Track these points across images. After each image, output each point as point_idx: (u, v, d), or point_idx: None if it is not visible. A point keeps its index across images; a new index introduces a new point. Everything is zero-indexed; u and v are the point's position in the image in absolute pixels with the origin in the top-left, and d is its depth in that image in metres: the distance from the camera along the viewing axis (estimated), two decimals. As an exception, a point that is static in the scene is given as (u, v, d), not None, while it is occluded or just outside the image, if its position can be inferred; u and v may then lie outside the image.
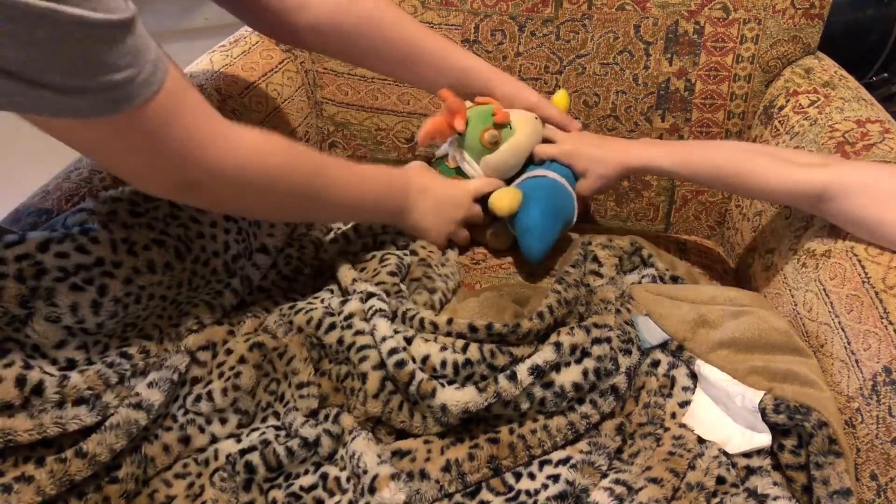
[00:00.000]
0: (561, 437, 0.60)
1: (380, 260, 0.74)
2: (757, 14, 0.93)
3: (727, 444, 0.59)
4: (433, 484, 0.56)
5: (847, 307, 0.62)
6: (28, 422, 0.51)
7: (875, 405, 0.56)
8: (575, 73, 0.99)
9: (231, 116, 0.91)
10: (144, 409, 0.57)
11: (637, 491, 0.54)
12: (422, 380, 0.59)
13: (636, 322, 0.66)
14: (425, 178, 0.80)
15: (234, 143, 0.56)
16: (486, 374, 0.62)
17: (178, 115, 0.51)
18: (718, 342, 0.63)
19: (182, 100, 0.51)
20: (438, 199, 0.80)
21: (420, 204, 0.78)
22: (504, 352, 0.62)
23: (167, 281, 0.62)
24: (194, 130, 0.53)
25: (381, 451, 0.58)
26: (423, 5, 1.01)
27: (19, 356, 0.53)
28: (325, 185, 0.66)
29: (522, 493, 0.56)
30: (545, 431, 0.60)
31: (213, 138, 0.54)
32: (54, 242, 0.56)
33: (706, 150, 0.77)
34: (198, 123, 0.53)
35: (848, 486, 0.53)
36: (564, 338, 0.62)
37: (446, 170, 0.86)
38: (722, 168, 0.73)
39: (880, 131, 0.75)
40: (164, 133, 0.50)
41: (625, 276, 0.75)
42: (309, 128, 1.07)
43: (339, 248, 0.78)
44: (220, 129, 0.55)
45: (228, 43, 1.01)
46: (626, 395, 0.63)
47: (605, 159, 0.82)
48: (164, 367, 0.60)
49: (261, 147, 0.59)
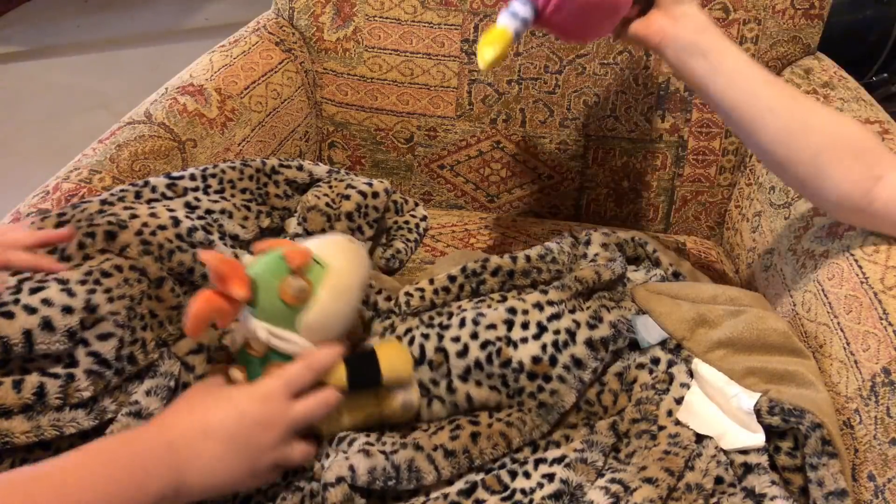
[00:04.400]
0: (533, 425, 0.60)
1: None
2: (757, 14, 0.93)
3: (722, 438, 0.59)
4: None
5: (846, 308, 0.62)
6: (25, 424, 0.51)
7: (873, 406, 0.56)
8: (575, 73, 0.99)
9: (231, 116, 0.91)
10: (144, 418, 0.57)
11: (633, 491, 0.54)
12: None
13: (634, 322, 0.66)
14: (195, 415, 0.53)
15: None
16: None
17: None
18: (717, 342, 0.63)
19: None
20: (231, 434, 0.52)
21: (202, 460, 0.51)
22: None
23: (125, 267, 0.61)
24: None
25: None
26: (423, 5, 1.01)
27: (18, 363, 0.53)
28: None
29: (518, 491, 0.56)
30: (520, 421, 0.60)
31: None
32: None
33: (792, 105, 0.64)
34: None
35: (843, 487, 0.53)
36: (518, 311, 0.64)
37: (255, 363, 0.57)
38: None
39: (880, 132, 0.75)
40: None
41: (632, 273, 0.75)
42: (309, 128, 1.07)
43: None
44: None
45: (228, 43, 1.01)
46: (597, 368, 0.63)
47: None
48: (159, 375, 0.60)
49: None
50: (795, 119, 0.63)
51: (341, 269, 0.58)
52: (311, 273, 0.56)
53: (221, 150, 0.89)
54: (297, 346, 0.56)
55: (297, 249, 0.56)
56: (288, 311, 0.55)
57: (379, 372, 0.58)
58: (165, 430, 0.52)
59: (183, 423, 0.52)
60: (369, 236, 0.80)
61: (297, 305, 0.55)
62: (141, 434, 0.52)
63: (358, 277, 0.59)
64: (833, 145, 0.62)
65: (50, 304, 0.54)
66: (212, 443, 0.52)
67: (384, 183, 0.83)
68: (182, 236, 0.65)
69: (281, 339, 0.55)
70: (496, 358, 0.61)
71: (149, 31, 2.73)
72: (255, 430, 0.53)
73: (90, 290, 0.57)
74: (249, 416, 0.53)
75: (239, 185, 0.75)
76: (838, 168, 0.61)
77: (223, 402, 0.54)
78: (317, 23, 1.05)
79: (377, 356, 0.58)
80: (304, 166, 0.81)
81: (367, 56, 1.04)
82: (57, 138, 2.13)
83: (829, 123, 0.63)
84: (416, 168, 1.08)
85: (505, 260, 0.69)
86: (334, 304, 0.56)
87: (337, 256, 0.58)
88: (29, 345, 0.53)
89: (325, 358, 0.56)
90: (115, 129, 0.82)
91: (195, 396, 0.55)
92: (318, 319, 0.56)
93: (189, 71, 0.94)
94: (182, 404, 0.55)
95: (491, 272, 0.69)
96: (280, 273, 0.55)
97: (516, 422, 0.60)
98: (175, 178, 0.72)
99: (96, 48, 2.66)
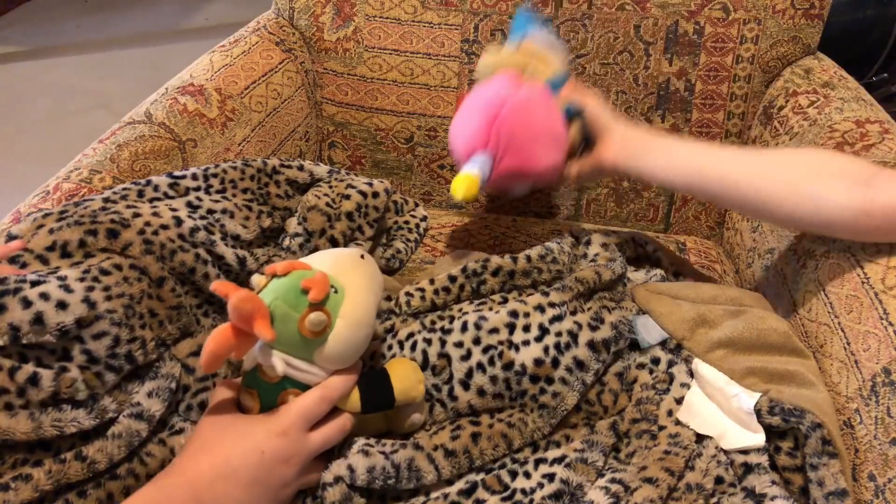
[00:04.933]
0: (535, 426, 0.60)
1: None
2: (757, 14, 0.93)
3: (722, 438, 0.59)
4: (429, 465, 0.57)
5: (846, 308, 0.62)
6: (27, 422, 0.51)
7: (874, 406, 0.56)
8: (575, 73, 0.99)
9: (231, 116, 0.91)
10: (146, 419, 0.57)
11: (633, 491, 0.54)
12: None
13: (634, 323, 0.66)
14: (215, 457, 0.52)
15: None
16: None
17: None
18: (717, 342, 0.63)
19: None
20: (254, 476, 0.52)
21: (226, 502, 0.51)
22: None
23: (125, 266, 0.61)
24: None
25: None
26: (423, 5, 1.01)
27: (15, 349, 0.53)
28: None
29: (518, 491, 0.56)
30: (521, 422, 0.60)
31: None
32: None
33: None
34: None
35: (843, 486, 0.53)
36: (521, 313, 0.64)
37: (268, 389, 0.55)
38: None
39: (879, 132, 0.75)
40: None
41: (632, 273, 0.75)
42: (309, 128, 1.07)
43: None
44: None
45: (228, 43, 1.01)
46: (599, 370, 0.63)
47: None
48: (161, 376, 0.60)
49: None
50: (761, 164, 0.65)
51: (358, 296, 0.56)
52: (328, 302, 0.54)
53: (222, 150, 0.89)
54: (313, 376, 0.55)
55: (315, 279, 0.53)
56: (305, 342, 0.54)
57: (392, 395, 0.57)
58: (187, 475, 0.51)
59: (204, 466, 0.51)
60: (369, 236, 0.80)
61: (314, 339, 0.54)
62: (163, 482, 0.51)
63: (374, 299, 0.58)
64: (809, 172, 0.62)
65: (46, 299, 0.54)
66: (234, 484, 0.51)
67: (384, 183, 0.83)
68: (184, 236, 0.65)
69: (298, 371, 0.54)
70: (498, 361, 0.61)
71: (149, 31, 2.73)
72: (276, 467, 0.52)
73: (88, 288, 0.56)
74: (270, 453, 0.52)
75: (240, 185, 0.75)
76: (824, 188, 0.61)
77: (241, 441, 0.52)
78: (317, 23, 1.05)
79: (390, 378, 0.58)
80: (304, 166, 0.81)
81: (368, 56, 1.04)
82: (57, 138, 2.13)
83: (794, 157, 0.66)
84: (416, 168, 1.08)
85: (506, 260, 0.69)
86: (352, 334, 0.55)
87: (353, 279, 0.57)
88: (15, 334, 0.53)
89: (341, 387, 0.56)
90: (115, 129, 0.82)
91: (212, 433, 0.53)
92: (335, 349, 0.55)
93: (189, 71, 0.94)
94: (198, 444, 0.53)
95: (491, 272, 0.69)
96: (299, 306, 0.53)
97: (517, 423, 0.60)
98: (177, 178, 0.72)
99: (96, 48, 2.66)
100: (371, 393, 0.57)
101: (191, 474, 0.51)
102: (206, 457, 0.52)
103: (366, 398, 0.57)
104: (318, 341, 0.54)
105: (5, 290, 0.53)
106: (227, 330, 0.51)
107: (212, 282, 0.65)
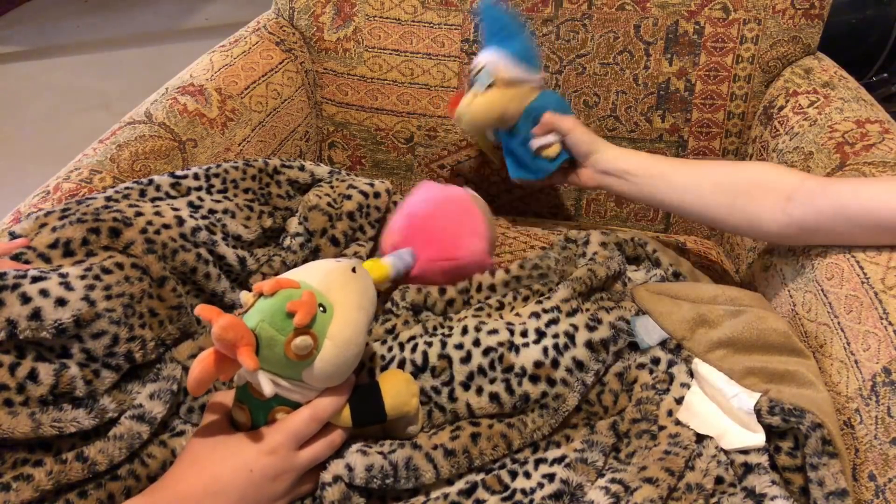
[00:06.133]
0: (534, 427, 0.60)
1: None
2: (757, 14, 0.93)
3: (722, 438, 0.59)
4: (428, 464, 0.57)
5: (846, 307, 0.62)
6: (27, 422, 0.51)
7: (874, 406, 0.56)
8: (575, 73, 0.99)
9: (231, 116, 0.91)
10: (147, 421, 0.57)
11: (633, 491, 0.54)
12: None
13: (633, 323, 0.66)
14: (204, 474, 0.52)
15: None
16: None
17: None
18: (717, 342, 0.63)
19: None
20: (242, 494, 0.52)
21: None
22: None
23: (126, 265, 0.61)
24: None
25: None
26: (423, 5, 1.01)
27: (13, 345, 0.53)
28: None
29: (518, 491, 0.56)
30: (520, 423, 0.60)
31: None
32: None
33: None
34: None
35: (843, 486, 0.53)
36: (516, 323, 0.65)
37: (259, 405, 0.55)
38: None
39: (880, 132, 0.75)
40: None
41: (632, 273, 0.75)
42: (309, 128, 1.07)
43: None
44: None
45: (228, 43, 1.01)
46: (599, 370, 0.63)
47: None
48: (162, 378, 0.60)
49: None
50: (703, 187, 0.73)
51: (347, 314, 0.55)
52: (315, 323, 0.53)
53: (222, 150, 0.89)
54: (302, 395, 0.55)
55: (302, 302, 0.52)
56: (292, 363, 0.53)
57: (383, 409, 0.57)
58: (177, 490, 0.52)
59: (193, 482, 0.52)
60: (371, 236, 0.80)
61: (302, 361, 0.53)
62: (153, 496, 0.51)
63: (365, 316, 0.57)
64: (742, 191, 0.70)
65: (46, 295, 0.54)
66: (222, 501, 0.51)
67: (385, 183, 0.83)
68: (186, 236, 0.65)
69: (286, 390, 0.54)
70: (498, 364, 0.61)
71: (149, 31, 2.73)
72: (264, 485, 0.53)
73: (89, 286, 0.56)
74: (258, 471, 0.53)
75: (242, 185, 0.75)
76: (756, 206, 0.68)
77: (231, 458, 0.53)
78: (317, 23, 1.05)
79: (381, 392, 0.57)
80: (305, 166, 0.81)
81: (368, 56, 1.04)
82: (57, 138, 2.13)
83: (733, 174, 0.72)
84: (417, 168, 1.08)
85: (485, 276, 0.72)
86: (340, 354, 0.54)
87: (342, 296, 0.56)
88: (12, 330, 0.53)
89: (331, 408, 0.56)
90: (115, 129, 0.82)
91: (202, 449, 0.54)
92: (323, 370, 0.54)
93: (189, 71, 0.94)
94: (189, 459, 0.53)
95: (475, 288, 0.72)
96: (285, 329, 0.52)
97: (517, 423, 0.60)
98: (179, 178, 0.72)
99: (96, 48, 2.66)
100: (362, 408, 0.57)
101: (181, 489, 0.51)
102: (195, 473, 0.52)
103: (357, 414, 0.57)
104: (306, 363, 0.53)
105: (4, 285, 0.53)
106: (211, 356, 0.51)
107: (213, 282, 0.66)
